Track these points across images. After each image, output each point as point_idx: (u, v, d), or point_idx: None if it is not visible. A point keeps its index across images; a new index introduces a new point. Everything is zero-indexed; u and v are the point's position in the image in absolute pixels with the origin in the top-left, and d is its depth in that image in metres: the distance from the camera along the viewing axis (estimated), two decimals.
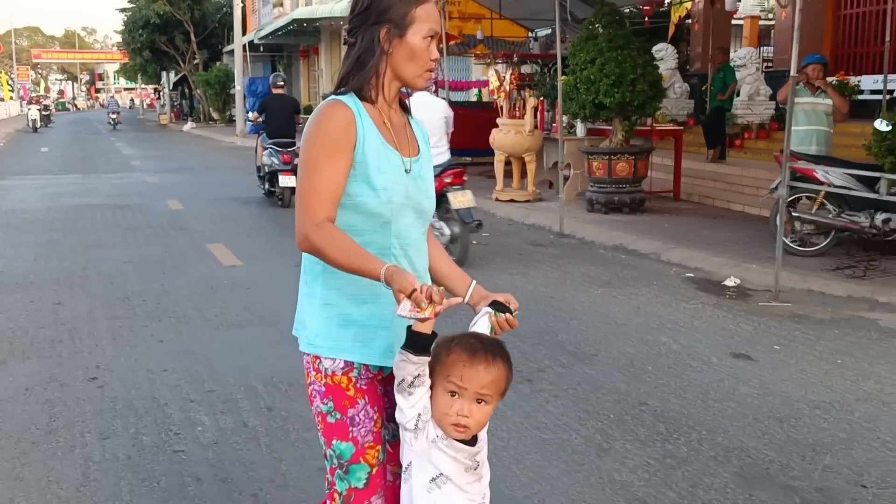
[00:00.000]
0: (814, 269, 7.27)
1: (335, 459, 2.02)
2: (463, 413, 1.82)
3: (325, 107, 2.01)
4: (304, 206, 1.95)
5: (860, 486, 3.43)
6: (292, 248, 7.43)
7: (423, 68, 2.05)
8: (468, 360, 1.83)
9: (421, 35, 2.02)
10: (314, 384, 2.04)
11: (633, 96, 9.93)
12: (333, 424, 2.01)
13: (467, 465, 1.89)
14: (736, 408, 4.28)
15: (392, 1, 2.01)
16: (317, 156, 1.96)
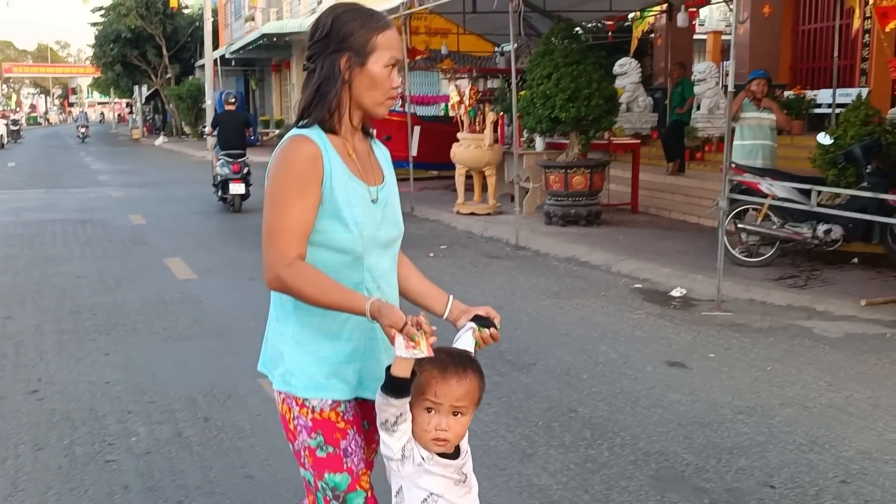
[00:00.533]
0: (757, 279, 7.45)
1: (329, 491, 2.00)
2: (441, 427, 1.87)
3: (290, 142, 1.97)
4: (273, 246, 1.91)
5: (769, 486, 3.57)
6: (248, 261, 7.53)
7: (385, 96, 2.02)
8: (440, 376, 1.87)
9: (382, 63, 1.99)
10: (299, 419, 1.99)
11: (588, 110, 10.11)
12: (325, 458, 1.98)
13: (456, 479, 1.93)
14: (662, 414, 4.42)
15: (352, 28, 1.98)
16: (285, 193, 1.92)
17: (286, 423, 2.02)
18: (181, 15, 39.94)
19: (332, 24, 1.98)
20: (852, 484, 3.60)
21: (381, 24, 1.99)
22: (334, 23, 1.98)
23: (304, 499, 2.13)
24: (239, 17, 37.08)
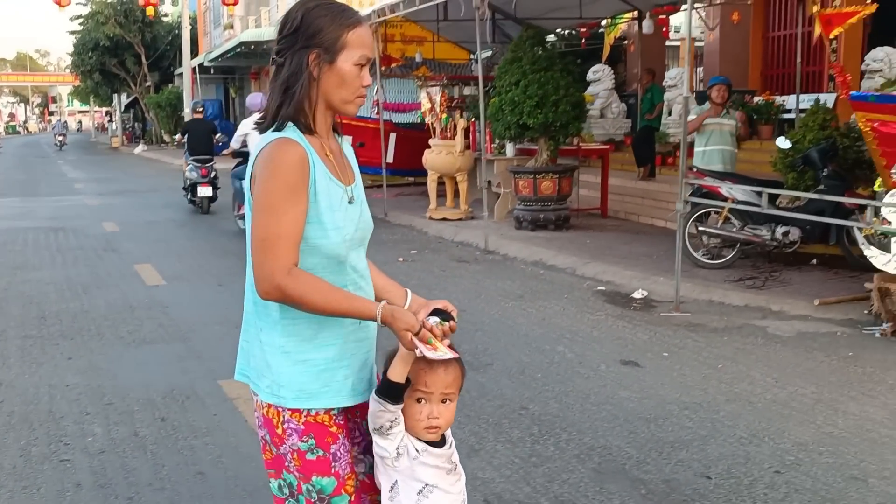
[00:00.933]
0: (717, 281, 7.60)
1: (314, 494, 1.98)
2: (433, 416, 1.95)
3: (276, 146, 1.91)
4: (271, 255, 1.84)
5: (705, 477, 3.69)
6: (218, 267, 7.62)
7: (354, 95, 1.97)
8: (428, 367, 1.93)
9: (352, 61, 1.94)
10: (289, 423, 1.96)
11: (555, 117, 10.26)
12: (315, 461, 1.97)
13: (447, 468, 2.01)
14: (611, 410, 4.53)
15: (322, 24, 1.93)
16: (276, 201, 1.87)
17: (272, 428, 1.97)
18: (160, 23, 39.93)
19: (303, 18, 1.94)
20: (786, 474, 3.73)
21: (352, 21, 1.95)
22: (304, 17, 1.94)
23: None
24: (218, 26, 37.06)
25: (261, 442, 2.04)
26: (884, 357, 5.54)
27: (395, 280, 2.24)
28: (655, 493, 3.54)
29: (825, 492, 3.56)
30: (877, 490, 3.57)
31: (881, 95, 6.57)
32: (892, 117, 5.72)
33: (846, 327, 6.27)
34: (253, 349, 2.01)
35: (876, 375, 5.15)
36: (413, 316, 1.88)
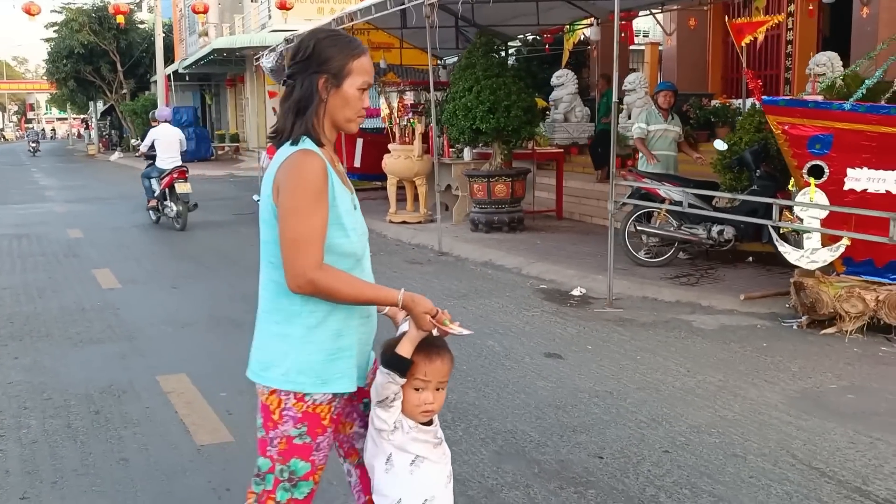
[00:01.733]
0: (654, 278, 7.90)
1: (286, 473, 2.22)
2: (429, 402, 2.24)
3: (300, 157, 2.15)
4: (303, 253, 2.09)
5: (597, 457, 3.96)
6: (174, 270, 7.85)
7: (356, 114, 2.25)
8: (426, 359, 2.22)
9: (356, 86, 2.22)
10: (289, 410, 2.18)
11: (507, 121, 10.54)
12: (300, 446, 2.20)
13: (434, 442, 2.31)
14: (524, 399, 4.80)
15: (331, 53, 2.19)
16: (305, 205, 2.11)
17: (268, 414, 2.20)
18: (136, 30, 40.00)
19: (314, 47, 2.20)
20: (673, 453, 4.01)
21: (357, 52, 2.23)
22: (316, 46, 2.20)
23: None
24: (193, 33, 37.17)
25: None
26: (794, 347, 5.85)
27: None
28: (548, 471, 3.81)
29: (704, 468, 3.84)
30: (752, 465, 3.86)
31: (790, 100, 6.90)
32: (801, 120, 6.02)
33: (767, 320, 6.58)
34: (266, 344, 2.23)
35: (782, 364, 5.45)
36: (429, 301, 2.18)
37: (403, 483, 2.25)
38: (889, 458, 3.95)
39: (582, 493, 3.60)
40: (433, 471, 2.29)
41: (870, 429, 4.31)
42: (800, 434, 4.25)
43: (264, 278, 2.25)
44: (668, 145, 9.25)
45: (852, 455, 3.98)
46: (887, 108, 5.99)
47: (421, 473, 2.26)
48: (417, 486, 2.25)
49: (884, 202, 6.06)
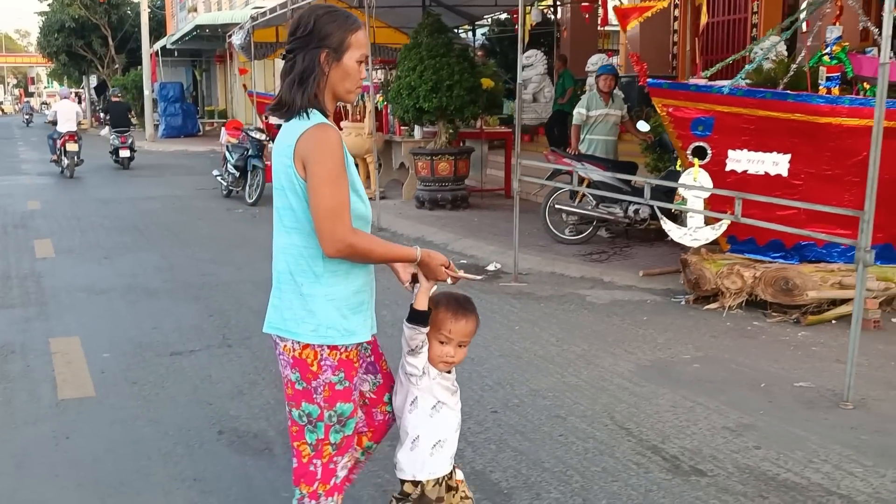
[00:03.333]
0: (567, 255, 8.16)
1: (334, 418, 2.44)
2: (450, 355, 2.55)
3: (321, 131, 2.31)
4: (339, 220, 2.28)
5: None
6: (114, 242, 8.17)
7: (355, 85, 2.43)
8: (452, 318, 2.53)
9: (355, 59, 2.39)
10: (326, 360, 2.39)
11: (449, 101, 10.75)
12: (341, 391, 2.43)
13: (452, 390, 2.63)
14: None
15: (331, 29, 2.34)
16: (334, 175, 2.29)
17: (306, 368, 2.39)
18: (128, 4, 40.05)
19: (315, 23, 2.35)
20: (501, 413, 4.29)
21: (354, 27, 2.39)
22: (316, 23, 2.35)
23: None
24: (184, 8, 37.28)
25: (283, 381, 2.48)
26: (671, 321, 6.12)
27: None
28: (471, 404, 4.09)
29: (522, 427, 4.12)
30: (568, 425, 4.14)
31: (674, 83, 7.12)
32: (684, 103, 6.25)
33: (660, 296, 6.85)
34: (291, 303, 2.40)
35: (650, 336, 5.72)
36: (442, 255, 2.53)
37: (424, 423, 2.57)
38: (699, 420, 4.23)
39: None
40: (449, 416, 2.61)
41: (696, 394, 4.58)
42: (629, 399, 4.52)
43: (283, 243, 2.42)
44: (608, 130, 9.32)
45: (667, 417, 4.26)
46: (763, 92, 6.22)
47: (439, 417, 2.58)
48: (434, 427, 2.58)
49: (763, 183, 6.31)
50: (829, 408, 4.43)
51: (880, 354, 5.36)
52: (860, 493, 3.44)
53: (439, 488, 2.62)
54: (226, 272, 7.74)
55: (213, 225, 10.67)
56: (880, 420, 4.26)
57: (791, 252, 6.48)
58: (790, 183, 6.29)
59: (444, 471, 2.63)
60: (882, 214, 6.29)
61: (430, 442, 2.58)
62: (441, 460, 2.62)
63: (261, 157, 12.59)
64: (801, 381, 4.84)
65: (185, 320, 6.04)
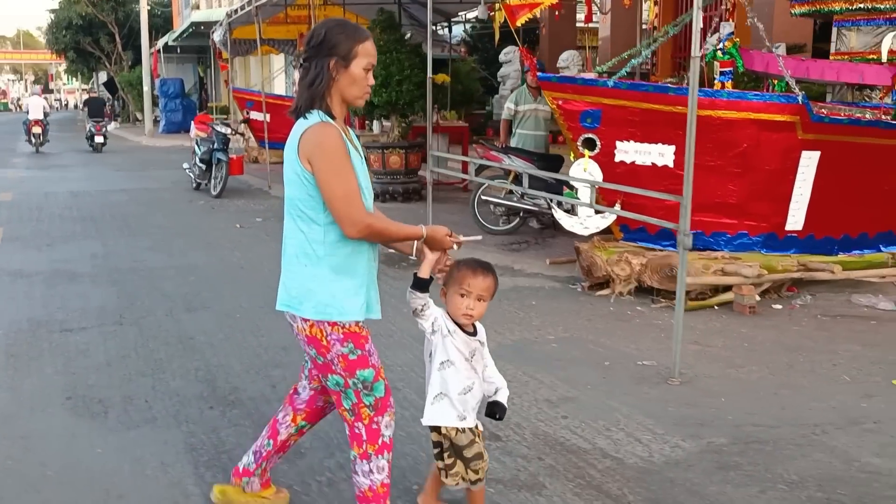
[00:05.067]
0: (490, 245, 8.40)
1: (360, 384, 2.68)
2: (470, 307, 2.80)
3: (321, 128, 2.55)
4: (354, 205, 2.54)
5: (272, 386, 4.55)
6: (65, 231, 8.66)
7: (363, 91, 2.65)
8: (471, 274, 2.81)
9: (361, 67, 2.61)
10: (332, 335, 2.62)
11: (399, 96, 11.05)
12: (356, 360, 2.64)
13: (465, 355, 2.82)
14: (259, 343, 5.38)
15: (340, 39, 2.57)
16: (341, 166, 2.53)
17: (318, 343, 2.63)
18: (134, 1, 40.60)
19: (325, 35, 2.59)
20: None
21: (362, 37, 2.62)
22: (326, 34, 2.59)
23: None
24: (189, 6, 37.79)
25: (307, 359, 2.83)
26: (558, 306, 6.37)
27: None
28: (218, 397, 4.40)
29: None
30: (400, 395, 4.41)
31: (562, 77, 7.35)
32: (573, 96, 6.48)
33: (560, 283, 7.09)
34: (297, 282, 2.64)
35: (527, 319, 5.97)
36: (444, 227, 2.81)
37: (432, 374, 2.86)
38: (526, 392, 4.48)
39: (227, 411, 4.20)
40: (454, 377, 2.82)
41: (537, 370, 4.84)
42: None
43: (291, 228, 2.67)
44: (536, 125, 9.53)
45: None
46: (646, 85, 6.45)
47: (446, 374, 2.82)
48: (440, 381, 2.84)
49: (650, 173, 6.53)
50: (657, 384, 4.67)
51: (740, 337, 5.59)
52: (633, 457, 3.69)
53: (463, 436, 2.85)
54: (157, 259, 8.07)
55: (168, 216, 11.01)
56: (698, 395, 4.50)
57: None
58: (676, 174, 6.48)
59: (446, 422, 2.84)
60: (764, 205, 6.55)
61: (434, 392, 2.84)
62: (443, 411, 2.83)
63: (225, 151, 12.94)
64: (647, 360, 5.08)
65: (92, 302, 6.37)
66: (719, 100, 6.27)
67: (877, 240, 6.94)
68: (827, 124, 6.40)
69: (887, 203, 6.81)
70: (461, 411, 2.84)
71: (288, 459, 3.63)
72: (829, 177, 6.50)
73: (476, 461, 2.87)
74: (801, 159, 6.41)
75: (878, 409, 4.30)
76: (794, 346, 5.40)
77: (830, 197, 6.58)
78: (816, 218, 6.63)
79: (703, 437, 3.91)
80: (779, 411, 4.27)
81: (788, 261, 6.56)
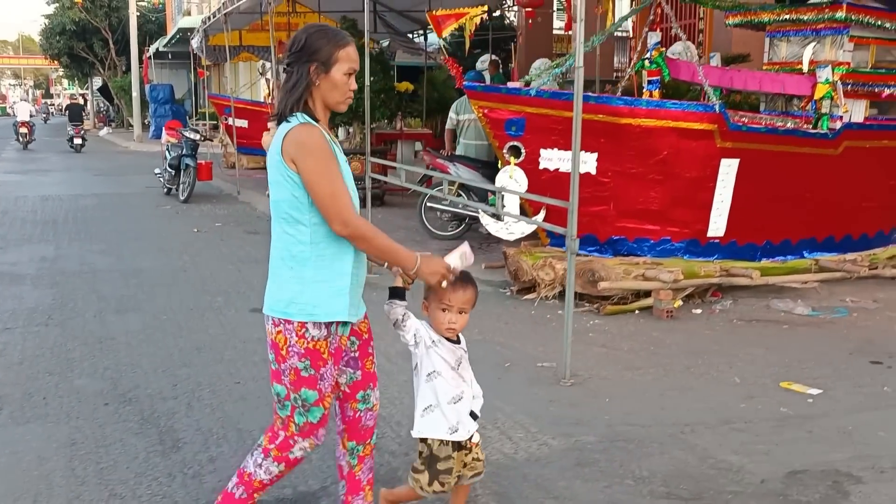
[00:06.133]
0: (435, 250, 8.50)
1: (299, 401, 2.66)
2: (452, 322, 2.78)
3: (304, 129, 2.54)
4: (342, 205, 2.52)
5: (172, 385, 4.70)
6: (22, 235, 8.80)
7: (344, 96, 2.64)
8: (451, 288, 2.76)
9: (342, 72, 2.61)
10: (294, 346, 2.61)
11: (359, 103, 11.17)
12: (306, 378, 2.62)
13: (452, 364, 2.81)
14: (191, 340, 5.53)
15: (321, 44, 2.58)
16: (326, 166, 2.53)
17: (278, 350, 2.62)
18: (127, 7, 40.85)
19: (306, 40, 2.60)
20: (244, 385, 4.71)
21: (343, 42, 2.62)
22: (307, 39, 2.60)
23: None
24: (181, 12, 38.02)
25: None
26: (482, 309, 6.26)
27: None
28: (117, 395, 4.55)
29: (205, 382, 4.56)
30: None
31: (487, 85, 7.49)
32: (498, 104, 6.63)
33: (492, 287, 7.22)
34: (282, 285, 2.62)
35: None
36: (442, 262, 2.71)
37: (421, 387, 2.86)
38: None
39: (120, 408, 4.35)
40: (443, 387, 2.82)
41: None
42: None
43: (277, 232, 2.66)
44: (478, 134, 9.49)
45: None
46: (567, 94, 6.57)
47: (434, 384, 2.82)
48: (429, 393, 2.83)
49: None
50: (550, 385, 4.81)
51: (649, 341, 5.72)
52: (498, 454, 3.83)
53: (446, 448, 2.86)
54: (105, 262, 8.23)
55: (131, 220, 11.16)
56: (585, 396, 4.64)
57: (605, 246, 6.84)
58: (599, 181, 6.65)
59: (436, 434, 2.84)
60: (686, 211, 6.70)
61: (423, 405, 2.84)
62: (433, 423, 2.84)
63: (193, 157, 13.10)
64: (548, 362, 5.21)
65: (26, 303, 6.52)
66: (639, 108, 6.42)
67: (800, 246, 7.08)
68: (745, 132, 6.55)
69: (808, 210, 6.96)
70: (453, 423, 2.86)
71: (164, 453, 3.79)
72: (749, 184, 6.64)
73: (446, 475, 2.90)
74: (720, 167, 6.56)
75: (753, 410, 4.43)
76: (700, 349, 5.54)
77: (751, 204, 6.73)
78: (738, 224, 6.77)
79: (574, 436, 4.04)
80: (658, 411, 4.41)
81: (711, 266, 6.70)
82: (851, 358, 5.38)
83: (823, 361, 5.28)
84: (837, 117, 6.77)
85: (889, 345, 5.64)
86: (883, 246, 7.37)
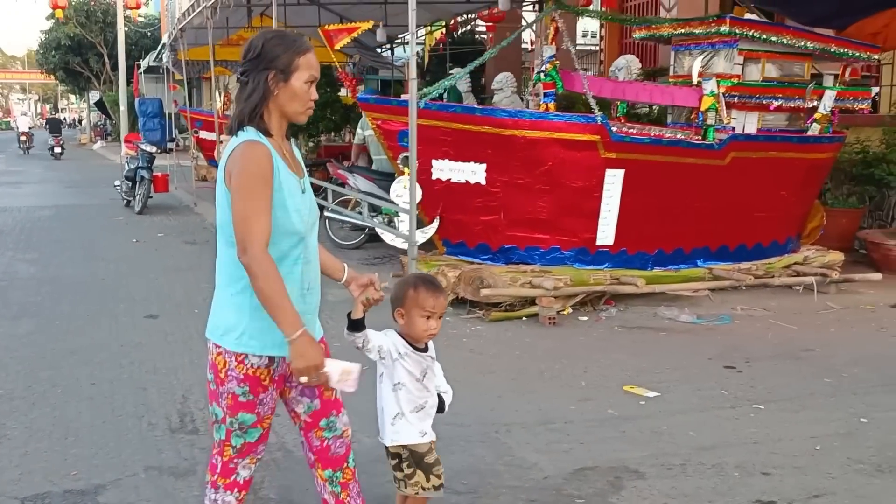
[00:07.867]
0: (351, 260, 8.69)
1: (235, 425, 2.54)
2: (433, 328, 2.79)
3: (246, 146, 2.35)
4: (251, 230, 2.29)
5: (91, 384, 4.90)
6: None
7: (304, 106, 2.45)
8: (433, 295, 2.76)
9: (302, 80, 2.41)
10: (232, 371, 2.46)
11: None
12: (245, 403, 2.49)
13: (417, 376, 2.83)
14: (131, 338, 5.71)
15: (279, 51, 2.38)
16: (252, 188, 2.32)
17: (217, 372, 2.48)
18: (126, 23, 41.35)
19: (263, 46, 2.40)
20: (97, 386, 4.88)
21: (302, 49, 2.42)
22: (264, 45, 2.40)
23: None
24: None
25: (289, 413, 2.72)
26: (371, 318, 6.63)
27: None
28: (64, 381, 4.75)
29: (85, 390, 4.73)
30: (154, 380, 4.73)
31: (379, 98, 7.67)
32: (390, 116, 6.79)
33: None
34: (222, 311, 2.49)
35: (329, 328, 6.22)
36: (318, 355, 2.37)
37: (387, 397, 2.88)
38: None
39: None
40: (406, 397, 2.85)
41: None
42: None
43: (222, 254, 2.49)
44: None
45: None
46: (455, 106, 6.78)
47: (399, 395, 2.85)
48: (394, 402, 2.86)
49: (465, 191, 6.84)
50: None
51: (520, 346, 5.89)
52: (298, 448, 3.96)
53: (423, 444, 2.91)
54: (29, 271, 8.44)
55: (78, 231, 11.37)
56: None
57: (497, 254, 6.98)
58: (489, 191, 6.81)
59: (409, 440, 2.89)
60: (574, 220, 6.85)
61: (392, 412, 2.87)
62: (405, 430, 2.88)
63: (149, 169, 13.35)
64: None
65: None
66: (522, 120, 6.59)
67: (693, 255, 7.21)
68: (629, 143, 6.71)
69: (699, 220, 7.09)
70: (421, 428, 2.92)
71: None
72: (636, 194, 6.79)
73: (437, 466, 2.96)
74: (605, 177, 6.70)
75: (580, 412, 4.56)
76: (564, 354, 5.67)
77: (639, 213, 6.87)
78: (627, 234, 6.91)
79: None
80: (486, 412, 4.54)
81: (601, 274, 6.84)
82: (708, 363, 5.51)
83: (678, 366, 5.41)
84: (725, 128, 6.92)
85: (752, 351, 5.76)
86: (778, 255, 7.48)
